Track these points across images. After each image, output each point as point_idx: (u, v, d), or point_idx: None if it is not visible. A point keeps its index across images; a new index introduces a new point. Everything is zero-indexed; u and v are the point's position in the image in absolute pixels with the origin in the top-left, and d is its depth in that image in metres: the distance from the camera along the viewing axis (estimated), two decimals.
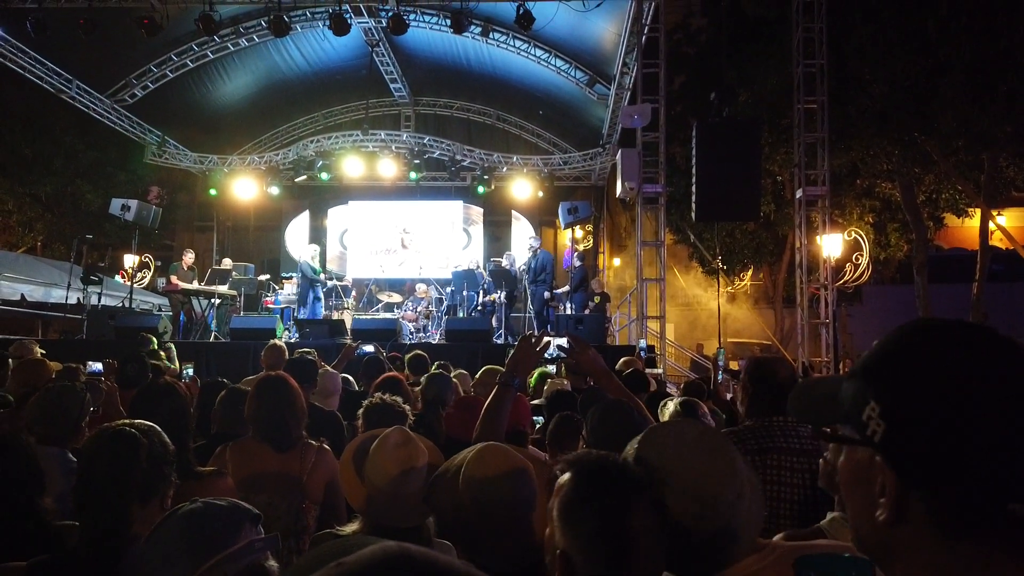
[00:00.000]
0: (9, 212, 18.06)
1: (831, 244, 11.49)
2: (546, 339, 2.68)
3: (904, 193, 14.58)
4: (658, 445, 1.27)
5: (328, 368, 4.52)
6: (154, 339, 8.47)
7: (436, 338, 12.65)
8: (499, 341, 11.81)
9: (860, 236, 15.05)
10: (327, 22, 12.00)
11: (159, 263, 17.67)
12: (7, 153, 17.48)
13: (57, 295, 13.13)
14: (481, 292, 12.98)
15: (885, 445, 0.78)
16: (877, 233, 16.38)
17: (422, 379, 4.39)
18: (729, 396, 5.72)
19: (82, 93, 14.29)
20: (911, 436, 0.75)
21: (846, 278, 14.90)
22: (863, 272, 15.06)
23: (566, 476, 1.27)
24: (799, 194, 10.97)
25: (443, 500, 1.68)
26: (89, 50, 12.36)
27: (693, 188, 10.13)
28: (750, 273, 20.36)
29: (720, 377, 7.05)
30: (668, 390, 9.40)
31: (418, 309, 13.91)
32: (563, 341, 2.69)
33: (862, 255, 14.95)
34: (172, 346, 9.00)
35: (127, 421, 1.83)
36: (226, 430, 3.22)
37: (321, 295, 13.33)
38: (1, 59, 12.68)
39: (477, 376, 4.81)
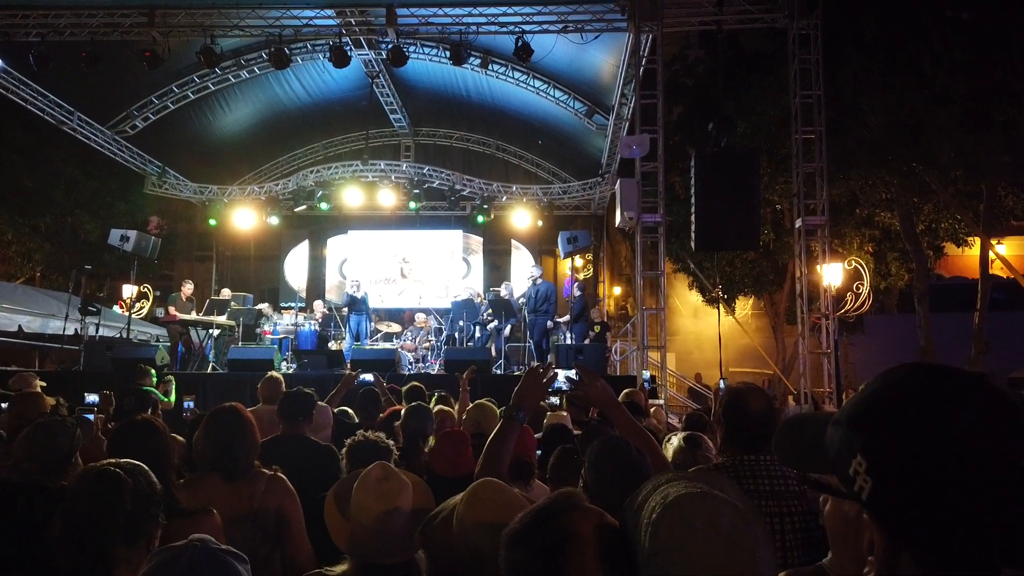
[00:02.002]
0: (8, 243, 18.06)
1: (832, 273, 11.46)
2: (553, 371, 2.63)
3: (903, 222, 14.61)
4: (677, 526, 1.02)
5: (319, 403, 4.45)
6: (153, 372, 8.38)
7: (435, 368, 12.58)
8: (498, 371, 11.74)
9: (861, 265, 15.02)
10: (327, 54, 12.11)
11: (158, 293, 17.63)
12: (7, 184, 17.53)
13: (55, 326, 13.06)
14: (483, 321, 12.96)
15: (872, 503, 0.74)
16: (877, 262, 16.38)
17: (401, 412, 4.32)
18: None
19: (83, 125, 14.38)
20: (899, 496, 0.72)
21: (847, 307, 14.84)
22: (864, 301, 15.01)
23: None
24: (798, 223, 10.97)
25: (437, 541, 1.63)
26: (91, 82, 12.45)
27: (692, 218, 10.13)
28: (751, 302, 20.31)
29: None
30: (669, 420, 9.32)
31: (417, 339, 13.85)
32: (571, 372, 2.62)
33: (863, 284, 14.91)
34: (172, 379, 8.88)
35: (112, 460, 1.78)
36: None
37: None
38: (3, 91, 12.76)
39: (466, 412, 4.72)
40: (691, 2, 11.20)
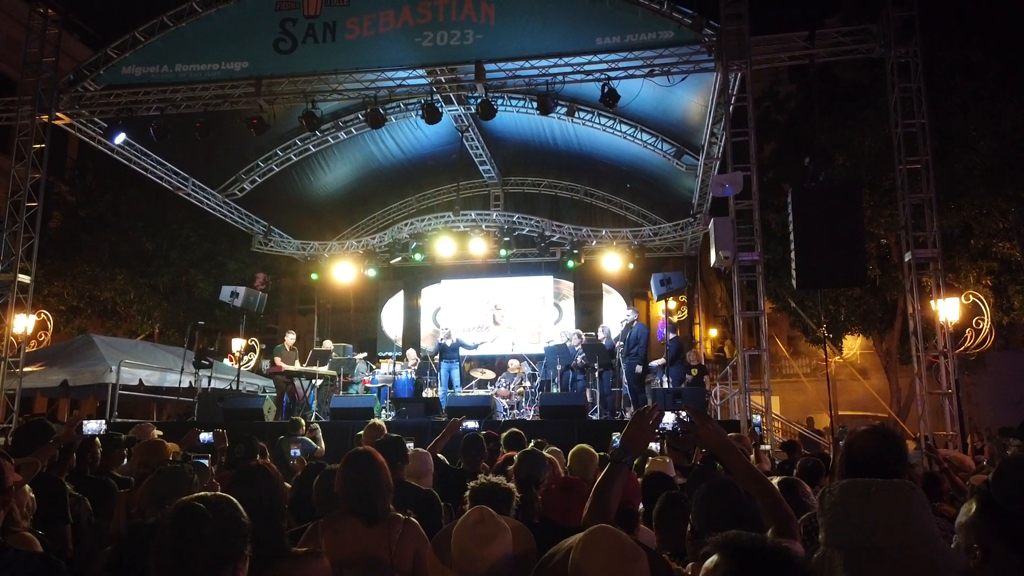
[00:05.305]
0: (130, 302, 19.41)
1: (947, 309, 10.76)
2: (660, 412, 2.55)
3: None
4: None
5: (419, 449, 4.52)
6: (303, 421, 8.81)
7: (530, 415, 12.52)
8: (595, 417, 11.56)
9: (979, 299, 14.02)
10: (420, 112, 12.56)
11: (264, 346, 18.46)
12: (131, 247, 18.98)
13: (171, 379, 13.84)
14: (574, 366, 12.85)
15: None
16: (998, 296, 15.29)
17: (515, 457, 4.28)
18: None
19: (197, 189, 15.38)
20: None
21: (967, 345, 13.83)
22: (985, 338, 13.95)
23: (713, 559, 1.16)
24: (908, 257, 10.41)
25: None
26: (203, 150, 13.35)
27: (792, 255, 9.79)
28: (859, 341, 19.32)
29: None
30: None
31: (511, 385, 13.86)
32: (682, 414, 2.54)
33: (983, 320, 13.89)
34: (318, 427, 9.27)
35: (199, 495, 1.84)
36: (324, 512, 3.24)
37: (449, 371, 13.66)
38: (127, 162, 13.85)
39: (570, 457, 4.66)
40: (780, 38, 11.01)
